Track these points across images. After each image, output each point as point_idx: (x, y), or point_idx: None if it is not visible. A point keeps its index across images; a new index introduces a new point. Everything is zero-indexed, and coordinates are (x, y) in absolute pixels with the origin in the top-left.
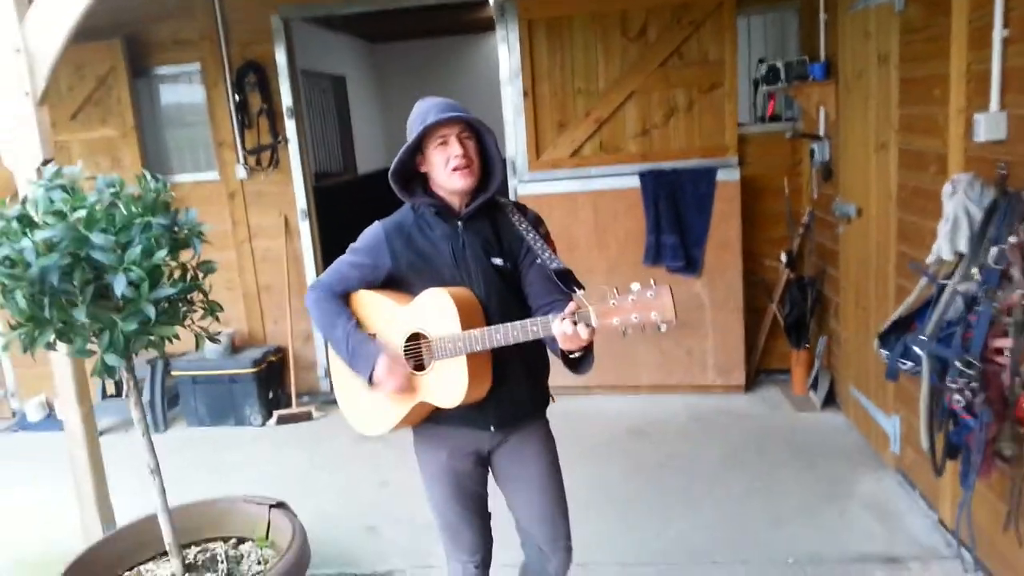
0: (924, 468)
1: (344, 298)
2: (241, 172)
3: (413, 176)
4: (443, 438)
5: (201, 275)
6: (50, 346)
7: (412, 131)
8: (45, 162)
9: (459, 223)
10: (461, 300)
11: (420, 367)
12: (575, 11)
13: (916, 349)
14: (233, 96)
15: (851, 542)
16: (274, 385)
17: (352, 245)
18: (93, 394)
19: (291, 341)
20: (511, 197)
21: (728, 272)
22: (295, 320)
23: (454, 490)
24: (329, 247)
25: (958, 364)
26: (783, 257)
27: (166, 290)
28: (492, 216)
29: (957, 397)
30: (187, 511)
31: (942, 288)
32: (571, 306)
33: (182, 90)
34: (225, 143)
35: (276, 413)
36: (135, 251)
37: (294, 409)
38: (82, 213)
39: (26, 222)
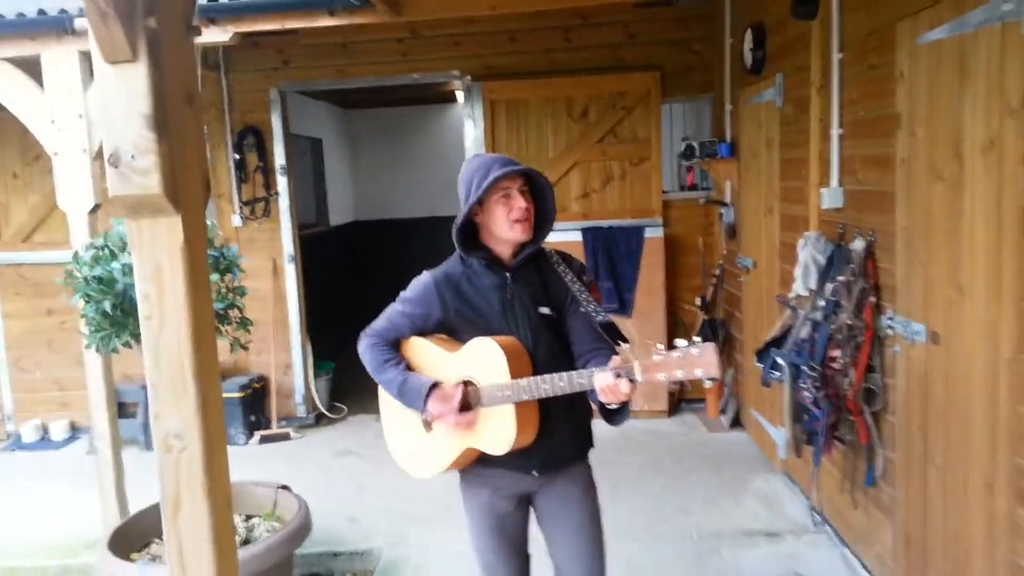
0: (801, 468)
1: (395, 344)
2: (236, 221)
3: (466, 229)
4: (487, 478)
5: (237, 296)
6: (126, 345)
7: (473, 183)
8: (95, 208)
9: (507, 274)
10: (509, 349)
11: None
12: (530, 96)
13: (780, 360)
14: (233, 155)
15: (743, 523)
16: (257, 409)
17: (402, 295)
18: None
19: (273, 371)
20: None
21: (654, 314)
22: (277, 353)
23: (494, 531)
24: (308, 288)
25: (806, 369)
26: (698, 302)
27: (216, 304)
28: (538, 265)
29: (806, 394)
30: None
31: (798, 315)
32: (616, 360)
33: None
34: (223, 195)
35: (258, 433)
36: None
37: (274, 430)
38: (90, 254)
39: (109, 252)
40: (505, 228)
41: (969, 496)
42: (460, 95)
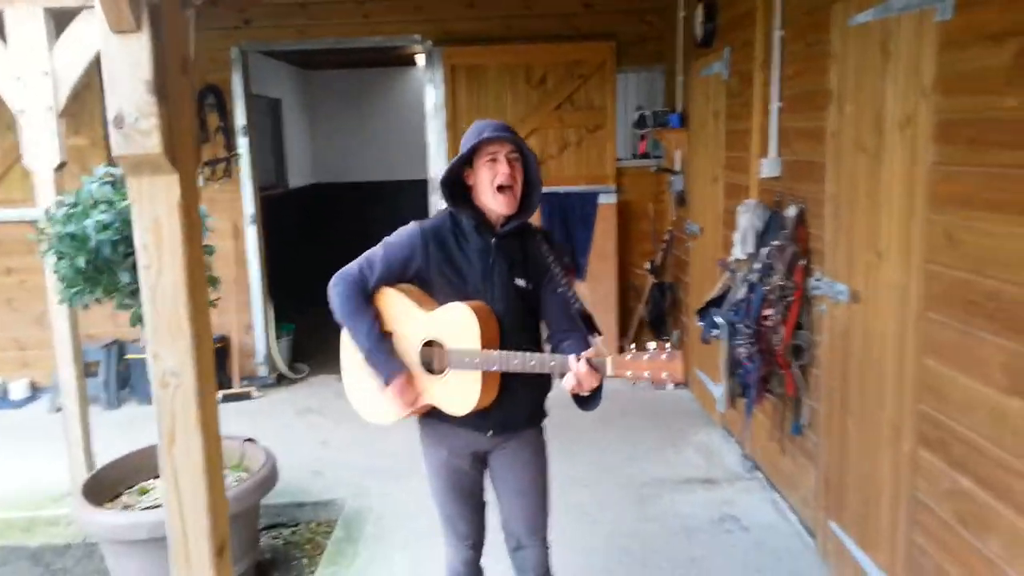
0: (738, 421)
1: (368, 294)
2: (199, 181)
3: (457, 187)
4: (444, 435)
5: (205, 254)
6: (98, 301)
7: (466, 144)
8: (60, 165)
9: (493, 239)
10: (483, 318)
11: (431, 371)
12: (490, 62)
13: (718, 319)
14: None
15: (683, 471)
16: (218, 369)
17: (387, 240)
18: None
19: (234, 332)
20: (432, 211)
21: (606, 278)
22: (238, 313)
23: (453, 486)
24: (268, 250)
25: (742, 327)
26: (648, 266)
27: None
28: (523, 239)
29: (741, 349)
30: None
31: (736, 278)
32: (590, 352)
33: None
34: None
35: (220, 392)
36: None
37: (236, 389)
38: (71, 209)
39: (83, 208)
40: (489, 195)
41: (880, 440)
42: (421, 59)
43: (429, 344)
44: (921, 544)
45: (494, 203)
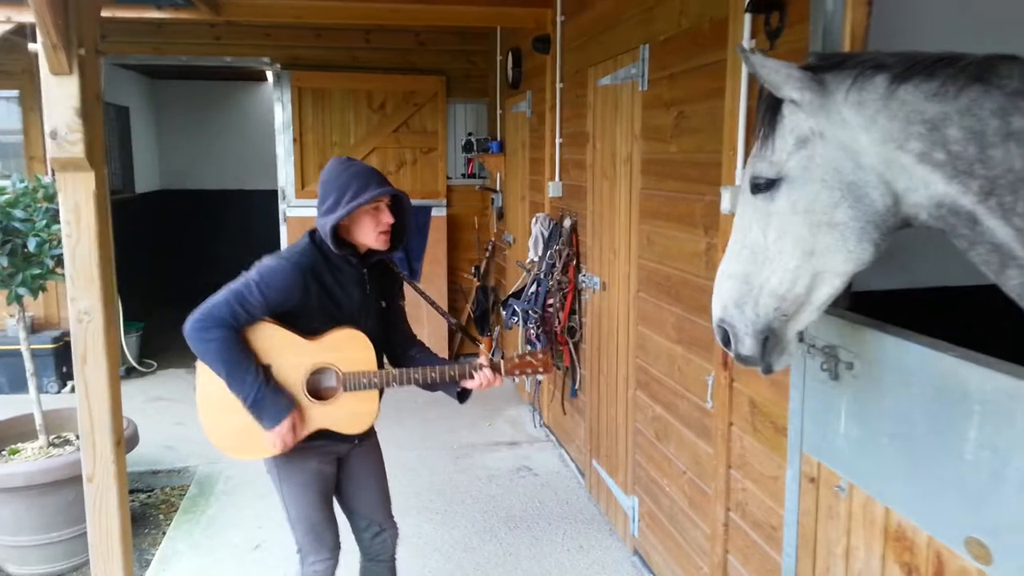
0: (541, 397)
1: (240, 332)
2: (47, 181)
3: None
4: (312, 449)
5: None
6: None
7: (349, 193)
8: None
9: (365, 270)
10: (370, 340)
11: (318, 397)
12: (335, 86)
13: (516, 308)
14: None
15: (493, 437)
16: (69, 360)
17: (260, 280)
18: None
19: None
20: (281, 219)
21: (437, 280)
22: None
23: (321, 493)
24: (116, 251)
25: (531, 313)
26: (473, 271)
27: (58, 250)
28: (381, 266)
29: (532, 331)
30: (45, 414)
31: (530, 276)
32: (483, 359)
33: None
34: (36, 157)
35: (71, 382)
36: (42, 223)
37: None
38: (7, 197)
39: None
40: (371, 237)
41: (617, 390)
42: (270, 76)
43: (317, 371)
44: (639, 460)
45: (376, 243)
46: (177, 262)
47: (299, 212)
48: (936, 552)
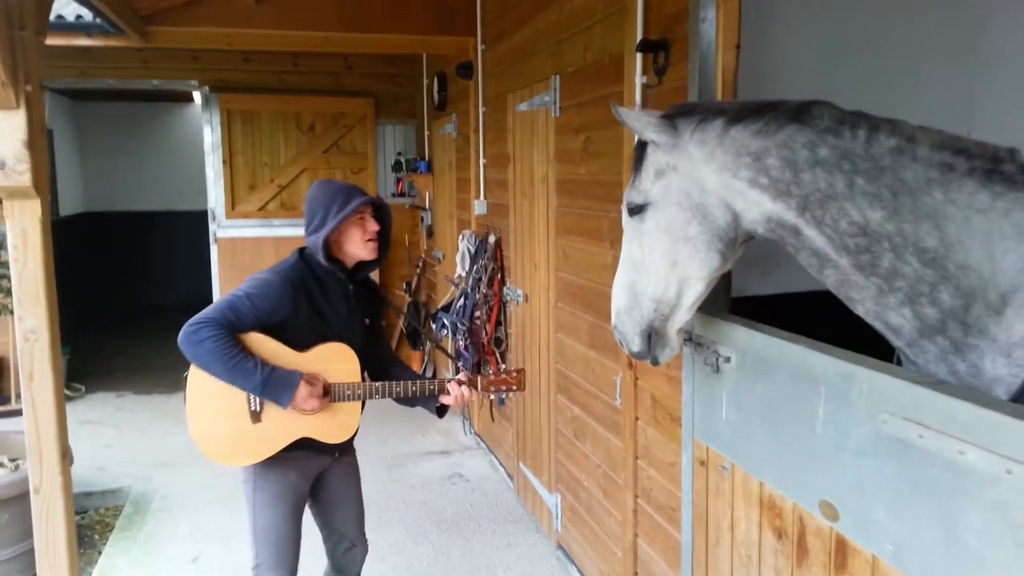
0: (474, 409)
1: (235, 337)
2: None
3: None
4: (294, 460)
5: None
6: None
7: (334, 207)
8: None
9: (351, 286)
10: (356, 353)
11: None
12: (264, 109)
13: (446, 321)
14: None
15: (426, 447)
16: None
17: (251, 292)
18: None
19: (12, 351)
20: (212, 240)
21: None
22: (15, 333)
23: (293, 508)
24: None
25: (460, 325)
26: (405, 287)
27: None
28: (366, 281)
29: (461, 342)
30: None
31: (458, 289)
32: (462, 376)
33: None
34: None
35: None
36: None
37: (13, 406)
38: None
39: None
40: (360, 247)
41: (540, 395)
42: (198, 98)
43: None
44: (560, 459)
45: (364, 252)
46: (103, 285)
47: (230, 232)
48: (799, 516)
